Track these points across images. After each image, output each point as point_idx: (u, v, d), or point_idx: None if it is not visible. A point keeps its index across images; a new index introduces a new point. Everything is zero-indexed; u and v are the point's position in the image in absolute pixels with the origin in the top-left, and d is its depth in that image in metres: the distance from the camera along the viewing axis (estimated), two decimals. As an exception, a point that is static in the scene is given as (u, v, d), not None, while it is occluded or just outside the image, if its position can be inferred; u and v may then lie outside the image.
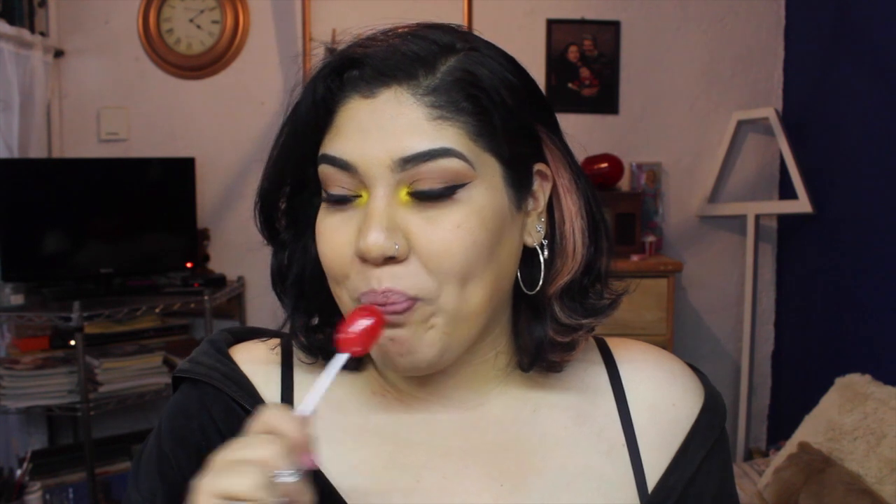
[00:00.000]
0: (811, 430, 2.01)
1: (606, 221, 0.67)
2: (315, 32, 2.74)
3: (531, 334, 0.66)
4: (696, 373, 0.74)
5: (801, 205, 2.69)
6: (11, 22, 2.50)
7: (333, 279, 0.63)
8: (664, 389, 0.70)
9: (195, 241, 2.75)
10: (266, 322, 2.88)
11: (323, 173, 0.62)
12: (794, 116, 2.87)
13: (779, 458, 2.05)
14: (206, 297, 2.50)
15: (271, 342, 0.72)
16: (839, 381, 2.06)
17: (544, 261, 0.65)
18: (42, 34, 2.69)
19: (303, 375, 0.69)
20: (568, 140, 0.67)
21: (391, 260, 0.58)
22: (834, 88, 2.63)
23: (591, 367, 0.71)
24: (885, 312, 2.30)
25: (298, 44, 2.84)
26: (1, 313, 2.39)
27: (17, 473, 2.38)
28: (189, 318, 2.81)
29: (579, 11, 2.96)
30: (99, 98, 2.85)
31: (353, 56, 0.61)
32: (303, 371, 0.69)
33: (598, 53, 2.97)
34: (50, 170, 2.60)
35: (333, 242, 0.61)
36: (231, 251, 2.87)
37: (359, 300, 0.61)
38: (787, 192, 2.89)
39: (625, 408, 0.69)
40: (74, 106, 2.85)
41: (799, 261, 2.90)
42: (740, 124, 2.94)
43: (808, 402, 2.11)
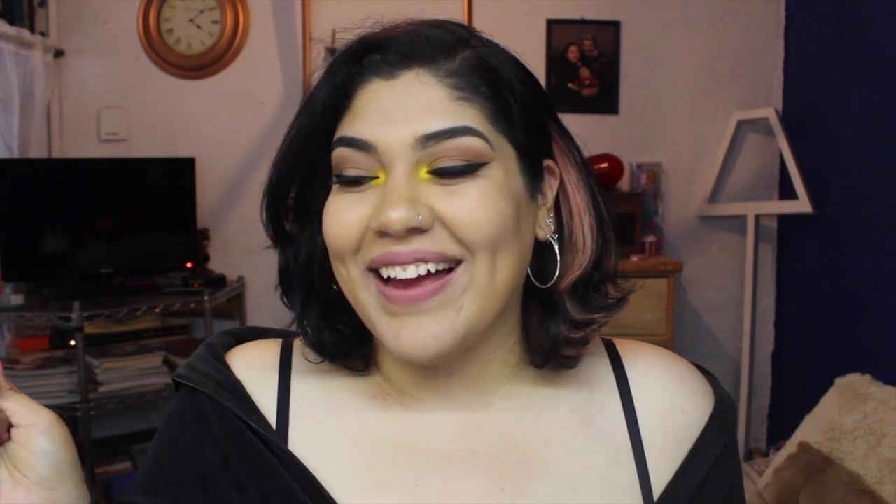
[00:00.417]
0: (811, 430, 2.01)
1: (613, 218, 0.67)
2: (315, 32, 2.74)
3: (546, 330, 0.65)
4: (706, 376, 0.72)
5: (801, 205, 2.69)
6: (11, 22, 2.50)
7: (339, 255, 0.62)
8: (673, 395, 0.68)
9: (195, 241, 2.75)
10: (266, 322, 2.87)
11: (338, 157, 0.61)
12: (794, 116, 2.87)
13: (779, 458, 2.04)
14: (206, 297, 2.50)
15: (272, 343, 0.71)
16: (839, 381, 2.06)
17: (557, 253, 0.65)
18: (42, 34, 2.69)
19: (301, 380, 0.69)
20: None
21: (414, 231, 0.58)
22: (834, 88, 2.63)
23: (599, 367, 0.70)
24: (885, 312, 2.30)
25: (298, 44, 2.84)
26: (1, 313, 2.39)
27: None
28: (189, 318, 2.81)
29: (579, 11, 2.96)
30: (99, 98, 2.85)
31: (375, 40, 0.61)
32: (301, 375, 0.69)
33: (598, 53, 2.96)
34: (50, 170, 2.60)
35: (344, 218, 0.60)
36: (231, 251, 2.87)
37: (369, 270, 0.60)
38: (787, 192, 2.89)
39: (631, 411, 0.67)
40: (74, 106, 2.85)
41: (799, 261, 2.90)
42: (740, 124, 2.94)
43: (808, 402, 2.11)
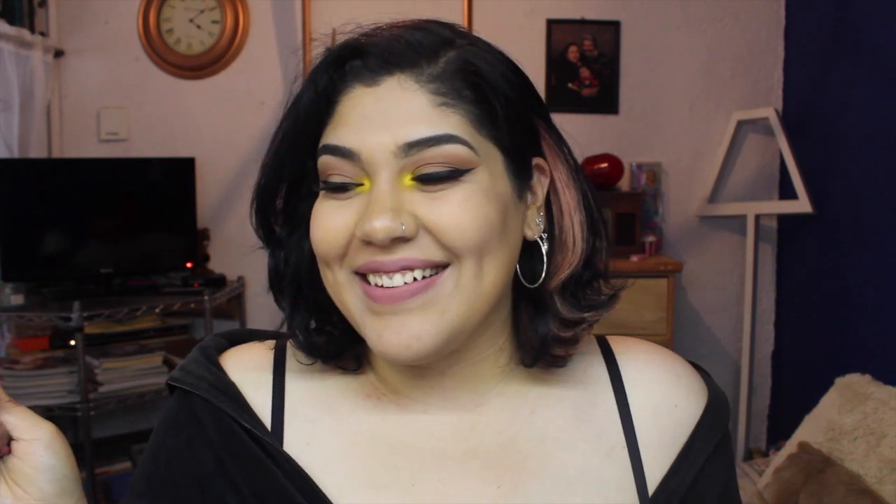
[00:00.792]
0: (811, 430, 2.01)
1: (604, 217, 0.67)
2: (315, 32, 2.74)
3: (535, 330, 0.65)
4: (699, 372, 0.72)
5: (801, 205, 2.69)
6: (11, 22, 2.50)
7: (325, 260, 0.62)
8: (666, 390, 0.68)
9: (195, 241, 2.75)
10: (266, 322, 2.88)
11: (323, 164, 0.61)
12: (794, 116, 2.87)
13: (779, 458, 2.05)
14: (206, 297, 2.50)
15: (266, 345, 0.71)
16: (839, 381, 2.06)
17: (545, 254, 0.65)
18: (42, 34, 2.69)
19: (295, 381, 0.68)
20: (565, 138, 0.67)
21: (399, 241, 0.58)
22: (834, 88, 2.63)
23: (592, 364, 0.70)
24: (885, 312, 2.30)
25: (298, 44, 2.84)
26: (1, 313, 2.39)
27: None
28: (189, 318, 2.81)
29: (579, 11, 2.96)
30: (99, 98, 2.85)
31: (357, 46, 0.61)
32: (295, 376, 0.69)
33: (598, 53, 2.96)
34: (50, 170, 2.60)
35: (329, 224, 0.60)
36: (231, 251, 2.87)
37: (355, 273, 0.60)
38: (787, 192, 2.89)
39: (625, 407, 0.67)
40: (74, 106, 2.85)
41: (799, 261, 2.90)
42: (740, 124, 2.94)
43: (808, 402, 2.11)
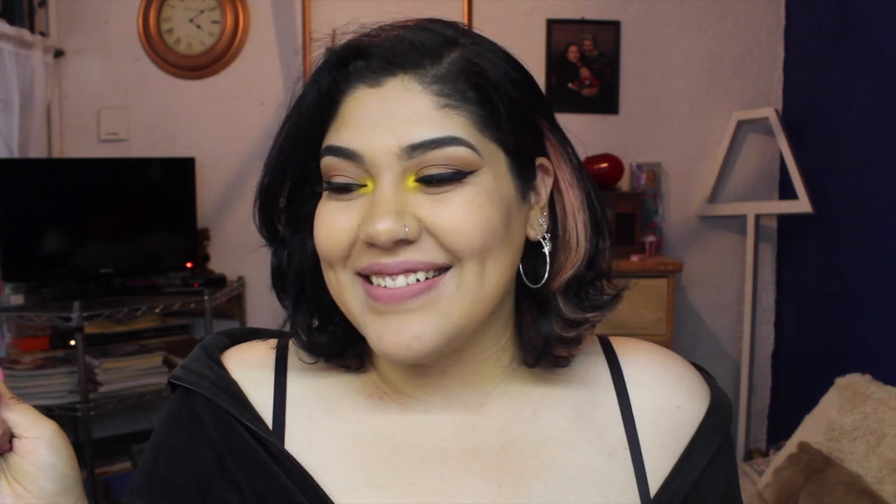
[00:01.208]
0: (811, 430, 2.01)
1: (607, 216, 0.67)
2: (315, 32, 2.74)
3: (537, 330, 0.65)
4: (702, 374, 0.73)
5: (801, 205, 2.69)
6: (11, 22, 2.50)
7: (329, 261, 0.62)
8: (669, 392, 0.69)
9: (195, 241, 2.75)
10: (266, 322, 2.87)
11: (326, 165, 0.61)
12: (794, 116, 2.87)
13: (779, 458, 2.04)
14: (206, 297, 2.50)
15: (268, 343, 0.71)
16: (839, 381, 2.05)
17: (549, 254, 0.65)
18: (42, 34, 2.69)
19: (297, 380, 0.68)
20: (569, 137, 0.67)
21: (401, 243, 0.58)
22: (834, 88, 2.63)
23: (594, 364, 0.70)
24: (885, 312, 2.30)
25: (299, 44, 2.84)
26: (1, 313, 2.39)
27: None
28: (189, 318, 2.81)
29: (579, 11, 2.96)
30: (99, 98, 2.85)
31: (360, 46, 0.60)
32: (297, 375, 0.69)
33: (598, 53, 2.96)
34: (50, 170, 2.60)
35: (333, 225, 0.60)
36: (231, 251, 2.87)
37: (359, 274, 0.60)
38: (787, 192, 2.89)
39: (627, 408, 0.67)
40: (74, 106, 2.85)
41: (799, 261, 2.90)
42: (740, 124, 2.94)
43: (808, 402, 2.11)
